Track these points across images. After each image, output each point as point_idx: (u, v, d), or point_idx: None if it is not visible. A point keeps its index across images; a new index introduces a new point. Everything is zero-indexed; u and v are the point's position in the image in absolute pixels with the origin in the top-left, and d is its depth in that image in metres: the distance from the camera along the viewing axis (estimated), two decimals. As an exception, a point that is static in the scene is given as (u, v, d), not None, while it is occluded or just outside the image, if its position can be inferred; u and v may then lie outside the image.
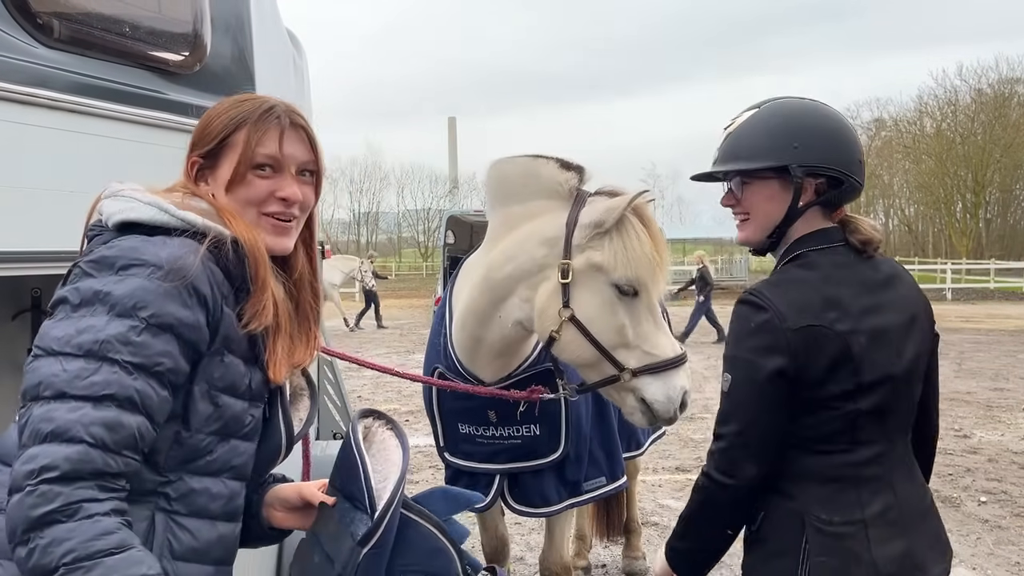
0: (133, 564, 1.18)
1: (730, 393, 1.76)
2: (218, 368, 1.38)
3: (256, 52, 2.52)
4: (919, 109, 57.01)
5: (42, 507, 1.16)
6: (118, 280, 1.29)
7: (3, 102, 1.74)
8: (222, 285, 1.39)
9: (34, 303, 2.74)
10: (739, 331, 1.77)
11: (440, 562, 1.51)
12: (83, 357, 1.23)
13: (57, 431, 1.19)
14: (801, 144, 1.78)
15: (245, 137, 1.49)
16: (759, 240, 1.89)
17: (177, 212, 1.39)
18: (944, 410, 9.09)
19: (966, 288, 31.25)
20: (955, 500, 6.01)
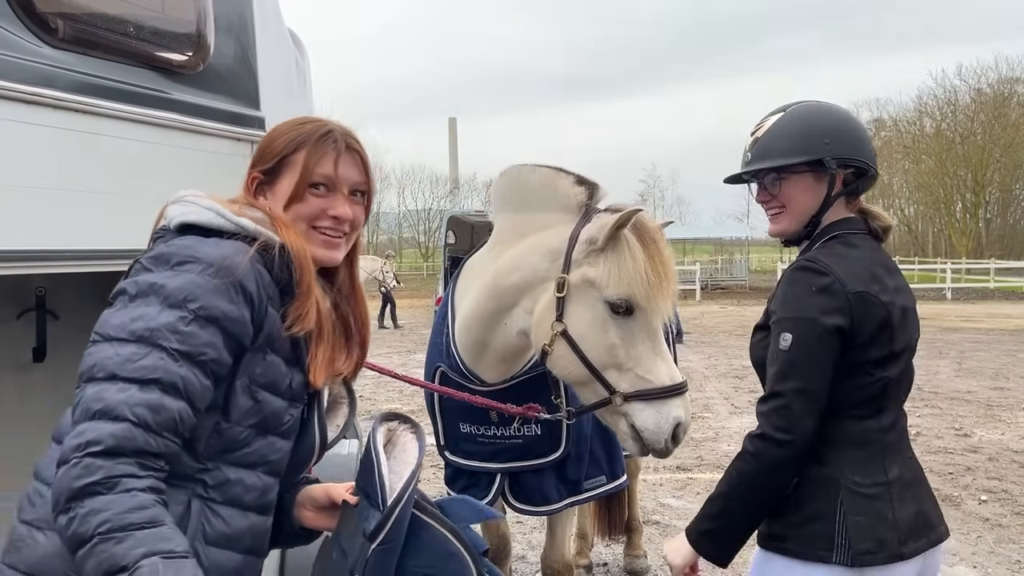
0: (161, 540, 1.23)
1: (791, 350, 1.85)
2: (260, 365, 1.46)
3: (259, 52, 2.53)
4: (919, 109, 57.03)
5: (85, 478, 1.23)
6: (172, 275, 1.39)
7: (8, 101, 1.75)
8: (268, 286, 1.48)
9: (38, 302, 2.75)
10: (800, 293, 1.88)
11: (452, 566, 1.51)
12: (135, 343, 1.33)
13: (105, 409, 1.28)
14: (831, 140, 1.98)
15: (304, 158, 1.60)
16: (795, 230, 2.06)
17: (232, 217, 1.50)
18: (944, 409, 9.15)
19: (966, 288, 31.26)
20: (956, 499, 6.02)
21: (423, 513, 1.53)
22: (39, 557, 1.37)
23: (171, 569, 1.21)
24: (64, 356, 2.83)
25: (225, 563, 1.45)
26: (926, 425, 8.40)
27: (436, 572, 1.51)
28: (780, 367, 1.86)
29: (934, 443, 7.66)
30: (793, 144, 1.99)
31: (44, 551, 1.36)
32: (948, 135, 52.85)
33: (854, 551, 1.84)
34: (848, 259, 1.93)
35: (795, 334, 1.85)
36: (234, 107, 2.37)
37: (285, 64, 3.40)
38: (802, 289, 1.88)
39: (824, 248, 1.98)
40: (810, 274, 1.89)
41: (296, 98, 3.71)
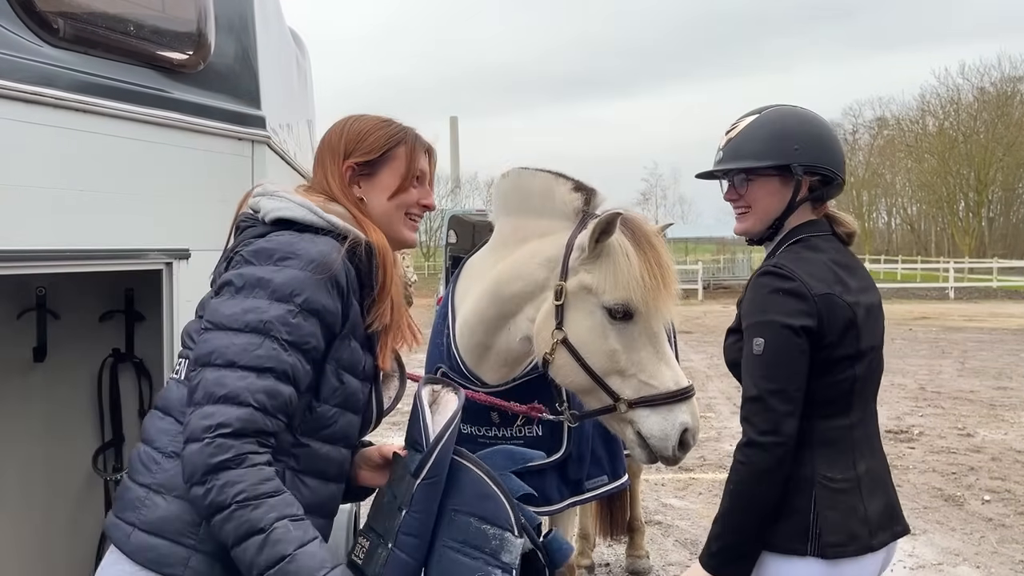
0: (287, 505, 1.46)
1: (764, 355, 1.89)
2: (345, 350, 1.63)
3: (260, 51, 2.53)
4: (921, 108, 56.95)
5: (218, 456, 1.42)
6: (277, 270, 1.55)
7: (9, 101, 1.75)
8: (353, 281, 1.64)
9: (39, 302, 2.75)
10: (768, 298, 1.92)
11: (489, 507, 1.64)
12: (249, 333, 1.50)
13: (230, 395, 1.45)
14: (801, 146, 2.03)
15: (406, 154, 1.80)
16: (759, 231, 2.11)
17: (323, 215, 1.65)
18: (947, 409, 9.14)
19: (969, 287, 31.21)
20: (959, 499, 6.00)
21: (462, 457, 1.68)
22: (158, 518, 1.52)
23: (299, 530, 1.44)
24: (64, 355, 2.84)
25: None
26: (929, 425, 8.39)
27: (474, 511, 1.64)
28: (756, 371, 1.90)
29: (937, 443, 7.65)
30: (763, 147, 2.04)
31: (164, 513, 1.52)
32: (951, 134, 52.79)
33: (825, 543, 1.90)
34: (811, 262, 1.98)
35: (767, 338, 1.89)
36: (235, 106, 2.37)
37: (286, 63, 3.40)
38: (769, 293, 1.93)
39: (788, 252, 2.03)
40: (775, 278, 1.93)
41: (297, 97, 3.71)
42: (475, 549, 1.62)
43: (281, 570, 1.40)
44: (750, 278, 2.03)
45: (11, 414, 2.76)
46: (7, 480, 2.77)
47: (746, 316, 1.97)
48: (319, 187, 1.78)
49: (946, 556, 4.91)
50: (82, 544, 2.90)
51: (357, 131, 1.79)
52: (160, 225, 2.13)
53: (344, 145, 1.78)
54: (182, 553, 1.49)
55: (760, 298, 1.94)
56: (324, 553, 1.47)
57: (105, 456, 2.88)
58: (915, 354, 13.72)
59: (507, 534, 1.63)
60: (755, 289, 1.97)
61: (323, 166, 1.79)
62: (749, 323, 1.95)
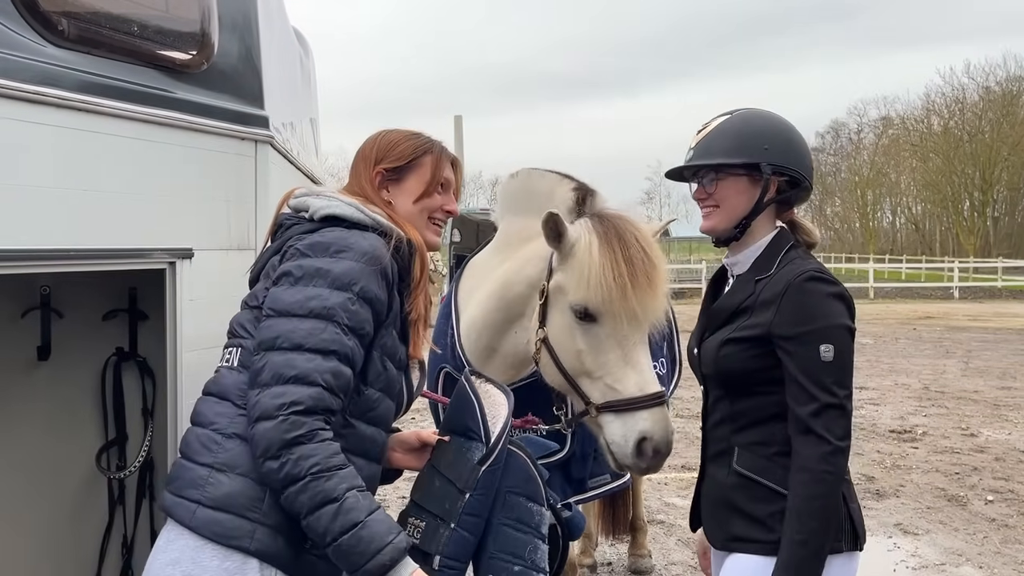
0: (353, 477, 1.60)
1: (835, 360, 1.89)
2: (388, 338, 1.77)
3: (263, 51, 2.53)
4: (926, 107, 56.85)
5: (292, 432, 1.54)
6: (334, 261, 1.67)
7: (12, 100, 1.75)
8: (396, 274, 1.78)
9: (43, 301, 2.75)
10: (825, 302, 1.93)
11: (532, 488, 1.88)
12: (314, 319, 1.62)
13: (300, 376, 1.58)
14: (771, 146, 2.05)
15: (433, 162, 1.95)
16: (725, 229, 2.11)
17: (370, 213, 1.81)
18: (951, 408, 9.13)
19: (973, 287, 31.13)
20: (962, 499, 6.00)
21: (511, 445, 1.90)
22: (223, 495, 1.63)
23: (367, 500, 1.58)
24: (68, 354, 2.85)
25: None
26: (932, 425, 8.37)
27: (522, 491, 1.87)
28: (828, 377, 1.88)
29: (940, 443, 7.64)
30: (733, 145, 2.06)
31: (229, 489, 1.63)
32: (956, 133, 52.67)
33: (859, 533, 1.98)
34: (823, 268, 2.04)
35: (835, 343, 1.89)
36: (238, 106, 2.37)
37: (289, 62, 3.40)
38: (825, 298, 1.94)
39: (802, 258, 2.04)
40: (825, 283, 1.95)
41: (301, 96, 3.71)
42: (525, 525, 1.85)
43: (355, 535, 1.52)
44: (788, 283, 1.95)
45: (15, 412, 2.77)
46: (11, 478, 2.78)
47: (800, 322, 1.91)
48: (355, 190, 1.92)
49: (949, 556, 4.90)
50: (86, 541, 2.91)
51: (388, 141, 1.96)
52: (163, 225, 2.14)
53: (376, 153, 1.94)
54: (247, 526, 1.60)
55: (815, 304, 1.92)
56: (390, 521, 1.60)
57: (108, 454, 2.89)
58: (919, 354, 13.70)
59: (543, 510, 1.88)
60: (804, 295, 1.93)
61: (357, 173, 1.94)
62: (807, 330, 1.90)
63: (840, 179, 67.91)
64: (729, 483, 2.03)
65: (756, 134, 2.07)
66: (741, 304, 2.04)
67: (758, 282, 2.03)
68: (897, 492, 6.16)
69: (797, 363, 1.90)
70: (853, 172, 65.45)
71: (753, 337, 1.97)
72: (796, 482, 1.87)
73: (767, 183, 2.06)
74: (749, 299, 2.02)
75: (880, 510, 5.75)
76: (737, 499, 2.01)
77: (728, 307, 2.08)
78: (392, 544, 1.54)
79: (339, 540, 1.52)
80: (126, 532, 2.94)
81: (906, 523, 5.47)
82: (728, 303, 2.10)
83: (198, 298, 2.21)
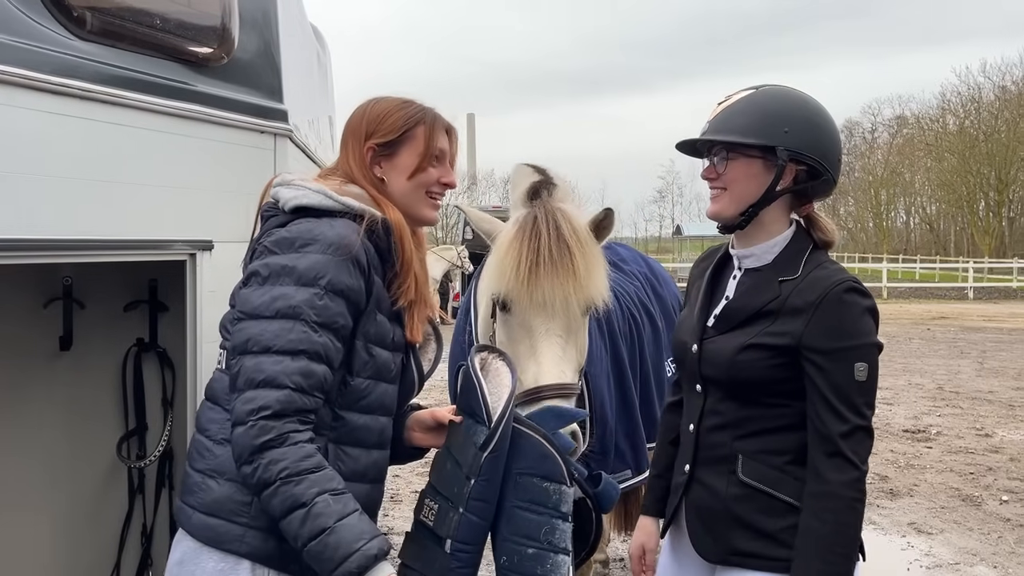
0: (328, 480, 1.55)
1: (868, 381, 1.77)
2: (372, 325, 1.71)
3: (282, 46, 2.55)
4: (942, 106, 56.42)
5: (262, 437, 1.52)
6: (299, 256, 1.61)
7: (38, 92, 1.78)
8: (373, 257, 1.71)
9: (65, 291, 2.79)
10: (863, 319, 1.79)
11: (548, 466, 1.78)
12: (280, 319, 1.57)
13: (267, 379, 1.54)
14: (791, 129, 1.85)
15: (425, 133, 1.83)
16: (732, 215, 1.92)
17: (338, 198, 1.71)
18: (966, 409, 9.07)
19: (988, 287, 30.88)
20: (976, 499, 5.97)
21: (521, 425, 1.81)
22: (213, 500, 1.65)
23: (339, 503, 1.53)
24: (90, 344, 2.88)
25: (357, 493, 1.68)
26: (947, 425, 8.33)
27: (535, 471, 1.78)
28: (859, 398, 1.76)
29: (955, 443, 7.60)
30: (751, 123, 1.87)
31: (217, 495, 1.64)
32: (971, 133, 52.24)
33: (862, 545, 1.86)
34: None
35: (870, 363, 1.76)
36: (258, 100, 2.39)
37: (307, 58, 3.42)
38: (861, 313, 1.79)
39: (832, 263, 1.90)
40: (863, 296, 1.80)
41: (318, 92, 3.74)
42: (540, 505, 1.77)
43: (321, 541, 1.49)
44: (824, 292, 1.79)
45: (38, 401, 2.81)
46: (33, 466, 2.82)
47: (837, 337, 1.76)
48: (341, 169, 1.84)
49: (963, 556, 4.88)
50: (106, 530, 2.95)
51: (377, 112, 1.83)
52: (184, 216, 2.16)
53: (365, 127, 1.83)
54: (237, 531, 1.61)
55: (854, 318, 1.78)
56: (364, 524, 1.54)
57: (128, 444, 2.92)
58: (933, 354, 13.61)
59: (563, 487, 1.78)
60: (844, 307, 1.78)
61: (346, 148, 1.85)
62: (844, 346, 1.76)
63: (854, 179, 67.49)
64: (732, 494, 1.87)
65: (778, 114, 1.86)
66: (765, 306, 1.86)
67: (783, 283, 1.86)
68: (911, 492, 6.13)
69: (829, 380, 1.75)
70: (867, 172, 65.06)
71: (780, 346, 1.81)
72: (823, 508, 1.74)
73: (782, 170, 1.85)
74: (775, 302, 1.84)
75: (894, 509, 5.73)
76: (741, 511, 1.86)
77: (748, 307, 1.89)
78: (360, 551, 1.49)
79: (308, 545, 1.50)
80: (145, 521, 2.98)
81: (920, 522, 5.45)
82: (748, 303, 1.89)
83: (217, 290, 2.22)
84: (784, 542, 1.80)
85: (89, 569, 2.93)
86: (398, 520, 5.35)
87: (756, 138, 1.85)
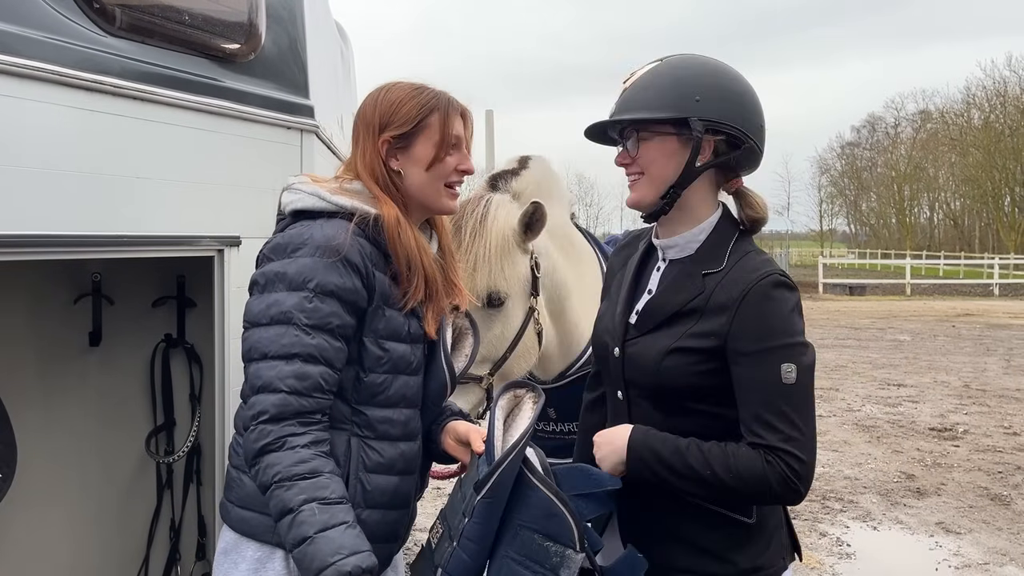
0: (319, 488, 1.53)
1: (797, 385, 1.58)
2: (380, 320, 1.70)
3: (308, 42, 2.55)
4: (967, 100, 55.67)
5: (260, 441, 1.55)
6: (290, 261, 1.63)
7: (69, 88, 1.79)
8: (371, 254, 1.69)
9: (94, 287, 2.81)
10: (791, 316, 1.62)
11: (554, 525, 1.64)
12: (275, 325, 1.59)
13: (264, 384, 1.57)
14: (703, 97, 1.68)
15: (440, 122, 1.77)
16: (652, 202, 1.75)
17: (329, 198, 1.71)
18: (993, 407, 8.94)
19: (1014, 284, 30.43)
20: (1005, 498, 5.88)
21: (533, 476, 1.68)
22: (246, 494, 1.69)
23: (325, 514, 1.50)
24: (118, 340, 2.90)
25: (385, 485, 1.73)
26: (974, 423, 8.21)
27: (539, 528, 1.65)
28: (793, 404, 1.58)
29: (982, 441, 7.49)
30: (659, 97, 1.70)
31: (249, 490, 1.67)
32: (997, 127, 51.52)
33: (796, 547, 1.82)
34: None
35: (798, 364, 1.58)
36: (284, 95, 2.40)
37: (332, 55, 3.43)
38: (788, 309, 1.62)
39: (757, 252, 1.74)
40: (791, 291, 1.64)
41: (342, 87, 3.74)
42: (536, 563, 1.62)
43: (302, 550, 1.50)
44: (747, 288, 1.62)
45: (68, 396, 2.83)
46: (63, 460, 2.84)
47: (761, 336, 1.59)
48: (352, 164, 1.80)
49: (992, 556, 4.81)
50: (135, 524, 2.97)
51: (390, 102, 1.77)
52: (212, 212, 2.17)
53: (379, 119, 1.77)
54: (268, 522, 1.63)
55: (781, 316, 1.61)
56: (346, 539, 1.49)
57: (157, 439, 2.94)
58: (959, 351, 13.43)
59: (568, 551, 1.62)
60: (770, 303, 1.61)
61: (359, 143, 1.79)
62: (771, 345, 1.59)
63: (876, 174, 66.80)
64: (663, 507, 1.72)
65: (688, 83, 1.69)
66: (688, 303, 1.69)
67: (706, 277, 1.69)
68: (938, 491, 6.06)
69: (754, 385, 1.59)
70: (890, 167, 64.31)
71: (706, 349, 1.64)
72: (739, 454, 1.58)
73: (699, 143, 1.67)
74: (698, 299, 1.67)
75: (921, 508, 5.66)
76: (679, 527, 1.72)
77: (671, 304, 1.72)
78: (333, 566, 1.46)
79: (293, 551, 1.51)
80: (174, 516, 3.00)
81: (948, 522, 5.38)
82: (670, 300, 1.73)
83: (245, 285, 2.23)
84: (722, 556, 1.68)
85: (118, 563, 2.95)
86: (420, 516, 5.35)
87: (665, 112, 1.68)
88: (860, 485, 6.17)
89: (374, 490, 1.71)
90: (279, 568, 1.66)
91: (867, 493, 5.98)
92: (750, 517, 1.69)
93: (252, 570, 1.67)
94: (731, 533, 1.69)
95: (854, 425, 8.10)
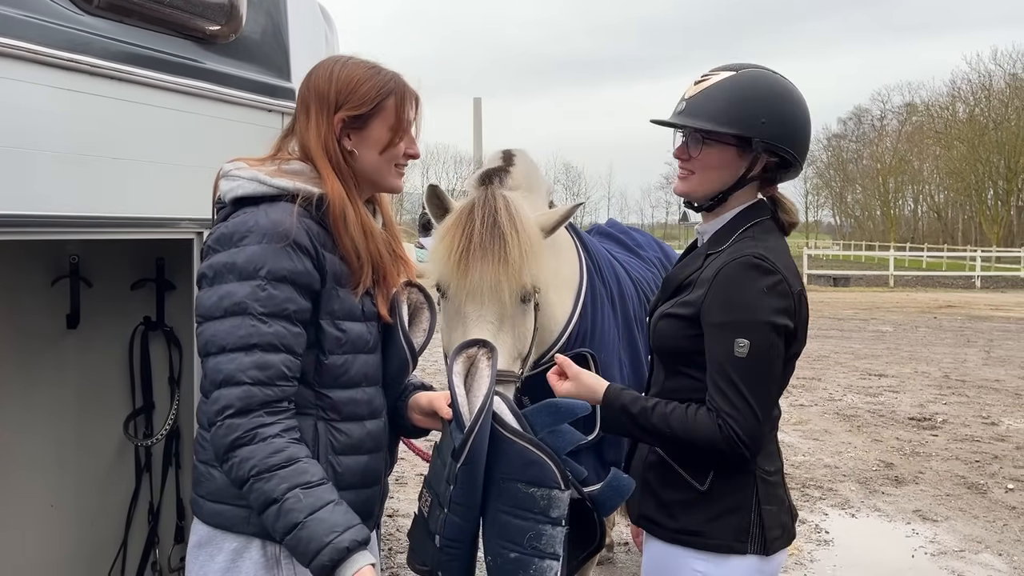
0: (299, 474, 1.54)
1: (749, 359, 1.73)
2: (335, 301, 1.69)
3: (290, 25, 2.53)
4: (952, 94, 56.03)
5: (230, 436, 1.54)
6: (238, 251, 1.60)
7: (46, 67, 1.77)
8: (319, 235, 1.67)
9: (72, 269, 2.78)
10: (752, 294, 1.75)
11: (533, 471, 1.72)
12: (230, 317, 1.57)
13: (226, 378, 1.56)
14: (768, 120, 1.85)
15: (395, 105, 1.76)
16: (701, 197, 1.95)
17: (270, 181, 1.67)
18: (972, 397, 9.05)
19: (996, 276, 30.75)
20: (982, 487, 5.96)
21: (505, 430, 1.74)
22: (217, 488, 1.68)
23: (311, 498, 1.53)
24: (96, 323, 2.88)
25: (355, 466, 1.74)
26: (953, 413, 8.31)
27: (521, 477, 1.72)
28: (741, 374, 1.73)
29: (961, 431, 7.58)
30: (728, 111, 1.85)
31: (220, 483, 1.66)
32: (981, 120, 51.91)
33: (767, 538, 1.84)
34: (783, 254, 1.85)
35: (752, 340, 1.73)
36: (265, 78, 2.38)
37: (315, 38, 3.40)
38: (753, 289, 1.76)
39: (757, 239, 1.86)
40: (761, 273, 1.76)
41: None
42: (525, 511, 1.71)
43: (295, 536, 1.51)
44: (723, 265, 1.80)
45: (45, 379, 2.81)
46: (41, 443, 2.83)
47: (722, 310, 1.77)
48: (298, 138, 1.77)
49: (968, 543, 4.88)
50: (113, 507, 2.96)
51: (347, 79, 1.74)
52: (191, 195, 2.15)
53: (335, 96, 1.73)
54: (243, 513, 1.64)
55: (744, 293, 1.76)
56: (337, 517, 1.53)
57: (136, 422, 2.93)
58: (940, 342, 13.57)
59: (554, 491, 1.71)
60: (737, 282, 1.77)
61: (307, 114, 1.74)
62: (729, 320, 1.76)
63: (862, 166, 67.20)
64: (648, 460, 1.96)
65: (756, 104, 1.85)
66: (687, 278, 1.91)
67: (708, 257, 1.89)
68: (916, 479, 6.13)
69: (712, 354, 1.77)
70: (875, 159, 64.71)
71: (686, 316, 1.84)
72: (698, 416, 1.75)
73: (755, 160, 1.88)
74: (694, 274, 1.89)
75: (899, 496, 5.73)
76: (650, 479, 1.94)
77: (675, 279, 1.96)
78: (331, 545, 1.50)
79: (284, 540, 1.53)
80: (152, 499, 2.99)
81: (925, 510, 5.45)
82: (677, 275, 1.97)
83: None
84: (673, 514, 1.87)
85: (96, 546, 2.94)
86: (403, 503, 5.36)
87: (732, 128, 1.85)
88: (840, 473, 6.24)
89: (345, 471, 1.71)
90: (256, 557, 1.66)
91: (846, 481, 6.05)
92: (702, 485, 1.85)
93: (230, 560, 1.67)
94: (685, 495, 1.87)
95: (835, 414, 8.17)
